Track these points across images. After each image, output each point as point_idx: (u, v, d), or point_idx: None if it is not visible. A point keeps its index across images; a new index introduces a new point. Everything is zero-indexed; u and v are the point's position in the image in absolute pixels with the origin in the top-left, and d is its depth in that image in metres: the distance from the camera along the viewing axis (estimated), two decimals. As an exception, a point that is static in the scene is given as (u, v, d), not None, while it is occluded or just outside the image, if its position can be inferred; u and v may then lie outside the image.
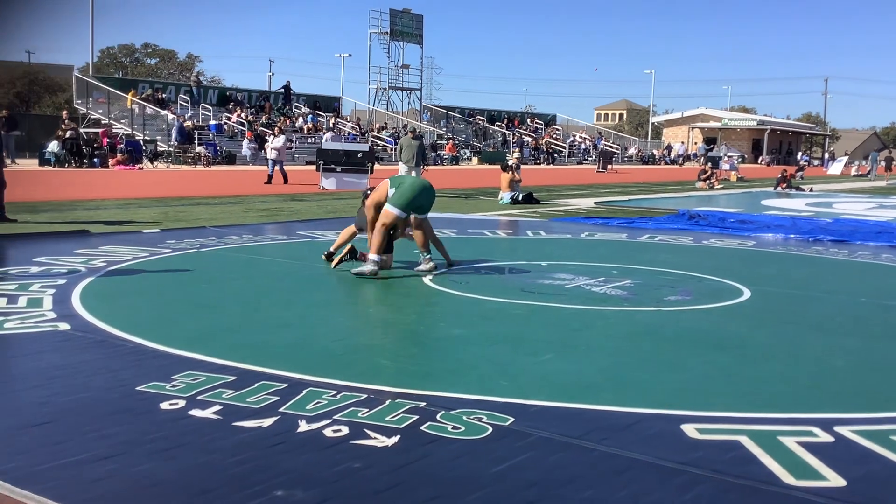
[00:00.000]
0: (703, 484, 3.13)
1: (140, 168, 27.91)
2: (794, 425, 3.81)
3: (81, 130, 30.72)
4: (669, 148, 61.80)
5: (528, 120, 57.06)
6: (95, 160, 27.53)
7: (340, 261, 7.94)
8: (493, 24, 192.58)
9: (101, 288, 6.75)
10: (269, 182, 21.16)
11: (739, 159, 45.02)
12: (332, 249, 8.26)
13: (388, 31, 48.61)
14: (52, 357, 4.62)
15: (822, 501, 3.01)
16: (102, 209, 13.70)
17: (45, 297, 6.23)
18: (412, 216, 7.75)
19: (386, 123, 45.97)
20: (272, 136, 22.49)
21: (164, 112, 34.43)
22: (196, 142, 32.29)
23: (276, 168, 21.50)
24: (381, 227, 7.52)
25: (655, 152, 59.96)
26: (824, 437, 3.66)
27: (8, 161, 26.03)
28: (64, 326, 5.33)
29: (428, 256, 7.76)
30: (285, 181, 21.24)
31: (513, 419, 3.74)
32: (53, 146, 27.28)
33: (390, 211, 7.56)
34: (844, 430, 3.74)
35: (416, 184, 7.86)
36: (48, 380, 4.18)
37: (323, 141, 31.96)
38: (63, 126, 28.40)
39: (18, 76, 66.47)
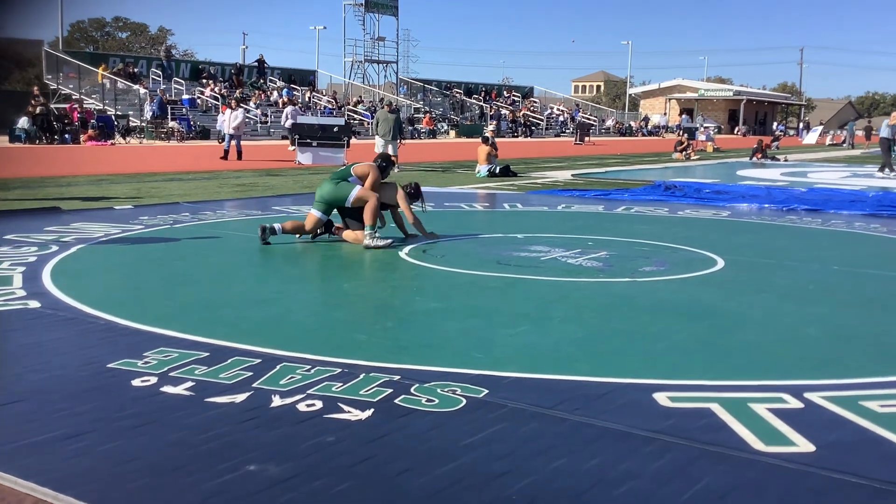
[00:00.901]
0: (674, 451, 3.16)
1: (112, 144, 27.58)
2: (764, 392, 3.85)
3: (52, 106, 30.27)
4: (647, 119, 61.90)
5: (506, 92, 56.88)
6: (67, 136, 27.18)
7: (316, 235, 7.97)
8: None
9: (73, 265, 6.68)
10: (224, 157, 20.55)
11: (716, 130, 45.20)
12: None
13: (363, 2, 48.10)
14: (22, 335, 4.57)
15: (791, 466, 3.04)
16: (74, 186, 13.54)
17: (15, 274, 6.16)
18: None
19: (361, 97, 45.66)
20: (229, 111, 21.76)
21: (135, 87, 33.99)
22: (169, 117, 31.92)
23: (233, 143, 20.95)
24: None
25: (633, 124, 60.04)
26: (794, 403, 3.70)
27: (-23, 138, 25.69)
28: (34, 304, 5.28)
29: (372, 232, 7.70)
30: (239, 157, 20.68)
31: (486, 391, 3.75)
32: (23, 122, 26.88)
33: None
34: (814, 397, 3.78)
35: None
36: (18, 358, 4.14)
37: (283, 117, 31.41)
38: (33, 102, 27.96)
39: (-14, 51, 65.25)
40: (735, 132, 62.95)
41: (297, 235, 8.01)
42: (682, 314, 5.41)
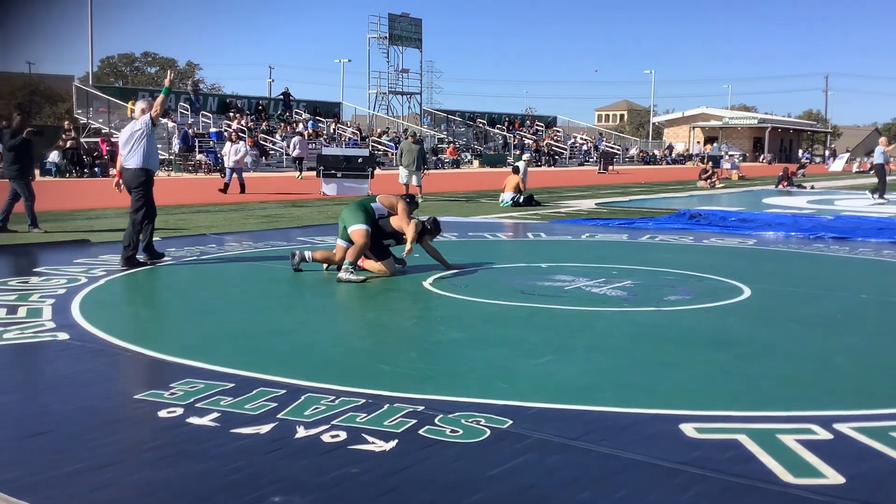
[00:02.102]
0: (702, 483, 3.12)
1: (222, 176, 27.88)
2: (793, 423, 3.80)
3: (82, 140, 30.79)
4: (671, 148, 61.79)
5: (529, 122, 57.09)
6: (96, 169, 27.61)
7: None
8: (492, 26, 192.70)
9: (101, 297, 6.75)
10: (224, 191, 19.85)
11: (741, 158, 45.01)
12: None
13: (388, 35, 48.70)
14: (51, 367, 4.63)
15: (820, 499, 3.00)
16: (103, 218, 13.72)
17: (45, 306, 6.24)
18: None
19: (388, 128, 46.01)
20: (229, 143, 21.00)
21: (163, 120, 34.47)
22: (196, 149, 32.34)
23: (234, 176, 20.40)
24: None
25: (657, 152, 59.96)
26: (823, 434, 3.65)
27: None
28: (63, 336, 5.34)
29: (348, 266, 7.63)
30: (242, 190, 20.07)
31: (511, 421, 3.73)
32: (54, 156, 27.35)
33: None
34: (844, 428, 3.72)
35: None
36: (46, 389, 4.19)
37: (291, 146, 31.66)
38: (64, 136, 28.47)
39: (19, 87, 66.61)
40: (760, 160, 62.65)
41: (326, 266, 8.06)
42: (708, 343, 5.36)
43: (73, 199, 17.85)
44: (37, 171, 26.89)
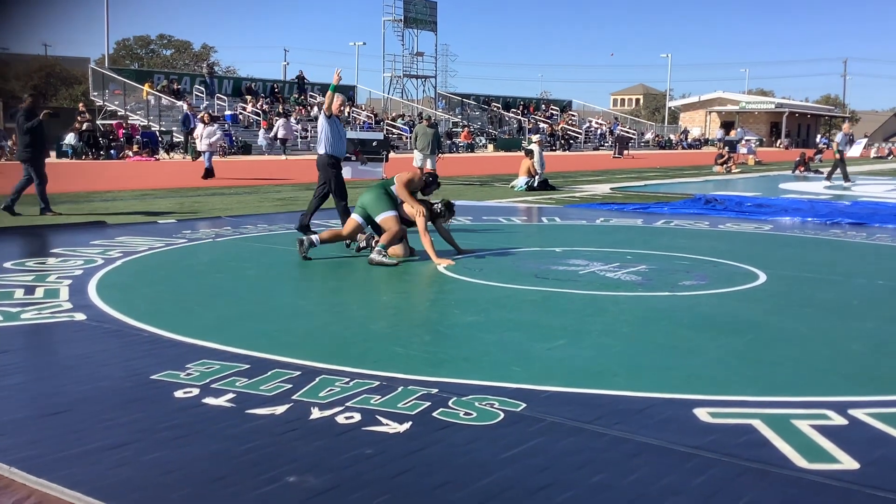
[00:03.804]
0: (715, 467, 3.12)
1: (156, 159, 28.05)
2: (807, 408, 3.79)
3: (98, 122, 30.90)
4: (686, 132, 61.42)
5: (544, 106, 56.84)
6: (112, 152, 27.72)
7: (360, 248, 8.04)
8: (507, 10, 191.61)
9: (117, 278, 6.80)
10: (206, 176, 18.48)
11: (757, 143, 44.68)
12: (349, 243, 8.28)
13: (402, 18, 48.54)
14: (68, 347, 4.67)
15: (835, 484, 2.99)
16: (119, 200, 13.80)
17: (62, 287, 6.29)
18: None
19: (403, 113, 45.93)
20: (202, 125, 19.62)
21: (179, 103, 34.55)
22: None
23: (210, 158, 19.16)
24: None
25: (672, 137, 59.61)
26: (838, 419, 3.64)
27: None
28: (80, 317, 5.38)
29: (381, 249, 7.66)
30: (211, 175, 18.54)
31: (524, 405, 3.74)
32: (70, 138, 27.46)
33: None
34: (858, 413, 3.71)
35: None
36: (64, 369, 4.23)
37: (276, 128, 31.72)
38: (79, 118, 28.58)
39: (35, 69, 66.87)
40: (777, 145, 62.17)
41: (347, 244, 8.11)
42: (722, 329, 5.35)
43: (90, 181, 17.95)
44: (53, 153, 27.15)
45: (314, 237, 7.90)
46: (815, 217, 12.43)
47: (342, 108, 9.51)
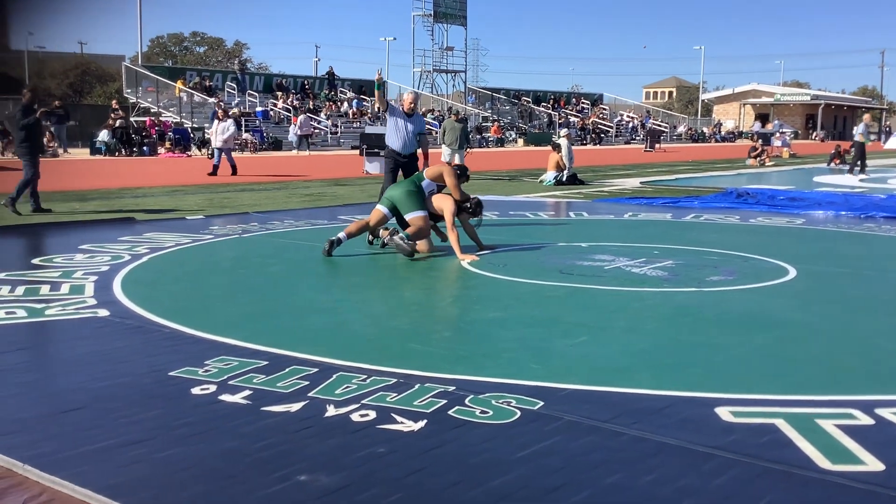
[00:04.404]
0: (735, 468, 3.05)
1: (188, 155, 28.30)
2: (833, 408, 3.70)
3: (131, 119, 31.24)
4: (720, 125, 60.72)
5: (575, 100, 56.50)
6: (145, 148, 28.02)
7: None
8: (538, 3, 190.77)
9: (143, 274, 6.85)
10: (213, 173, 18.34)
11: (792, 135, 44.04)
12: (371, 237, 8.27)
13: (432, 12, 48.47)
14: (90, 343, 4.69)
15: (859, 486, 2.91)
16: (149, 196, 13.92)
17: (88, 283, 6.34)
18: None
19: (433, 108, 45.89)
20: (217, 121, 19.31)
21: (210, 99, 34.83)
22: (243, 129, 32.63)
23: (224, 157, 18.98)
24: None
25: (706, 130, 58.96)
26: (864, 419, 3.55)
27: (60, 150, 26.68)
28: (103, 313, 5.42)
29: (403, 236, 7.65)
30: (234, 172, 18.58)
31: (542, 403, 3.69)
32: (104, 135, 27.79)
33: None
34: (885, 413, 3.61)
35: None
36: (84, 366, 4.25)
37: (294, 127, 31.90)
38: (113, 115, 28.91)
39: (71, 67, 67.83)
40: (812, 137, 61.25)
41: (370, 241, 8.11)
42: (748, 325, 5.24)
43: (122, 178, 18.13)
44: (86, 150, 27.46)
45: (341, 234, 7.90)
46: (849, 211, 12.20)
47: (412, 105, 9.64)
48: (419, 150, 9.98)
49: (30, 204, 11.05)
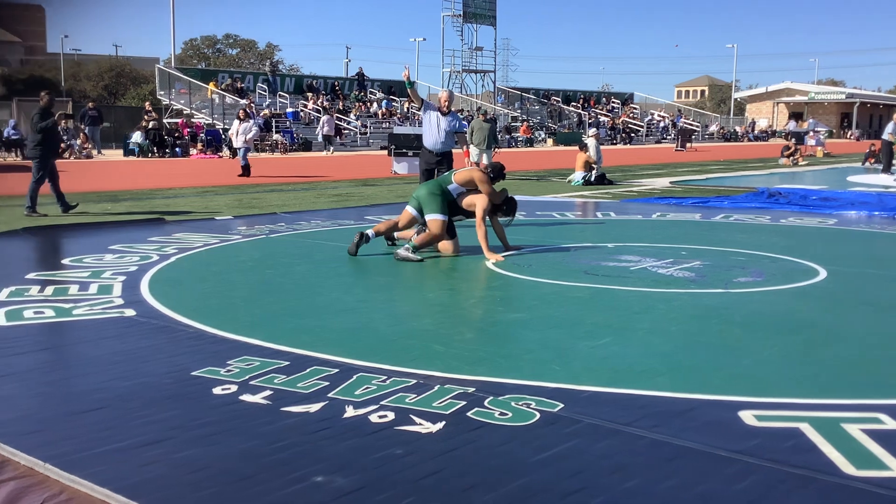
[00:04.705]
0: (757, 473, 3.00)
1: (220, 157, 28.53)
2: (859, 412, 3.63)
3: (164, 121, 31.58)
4: (753, 124, 60.04)
5: (605, 99, 56.17)
6: (177, 150, 28.30)
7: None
8: (568, 2, 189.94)
9: (170, 274, 6.91)
10: (244, 174, 18.36)
11: (826, 134, 43.43)
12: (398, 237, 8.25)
13: (462, 13, 48.43)
14: (115, 343, 4.73)
15: (884, 493, 2.85)
16: (180, 197, 14.05)
17: (116, 283, 6.41)
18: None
19: (462, 108, 45.87)
20: (237, 121, 19.17)
21: (242, 101, 35.10)
22: (273, 129, 32.86)
23: (246, 154, 18.95)
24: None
25: (738, 129, 58.33)
26: (891, 424, 3.48)
27: (94, 152, 27.05)
28: (130, 313, 5.47)
29: (409, 247, 7.64)
30: (248, 174, 18.45)
31: (562, 405, 3.66)
32: (137, 137, 28.12)
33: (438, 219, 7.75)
34: (914, 418, 3.54)
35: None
36: (107, 365, 4.29)
37: (320, 125, 32.10)
38: (146, 117, 29.24)
39: (105, 69, 68.78)
40: (847, 136, 60.34)
41: (390, 242, 8.12)
42: (775, 328, 5.17)
43: (154, 179, 18.33)
44: (120, 151, 27.80)
45: (369, 232, 7.92)
46: (882, 211, 12.00)
47: (447, 102, 9.59)
48: (463, 148, 10.04)
49: (59, 207, 11.18)
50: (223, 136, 31.04)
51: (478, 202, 7.78)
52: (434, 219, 7.70)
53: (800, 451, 3.20)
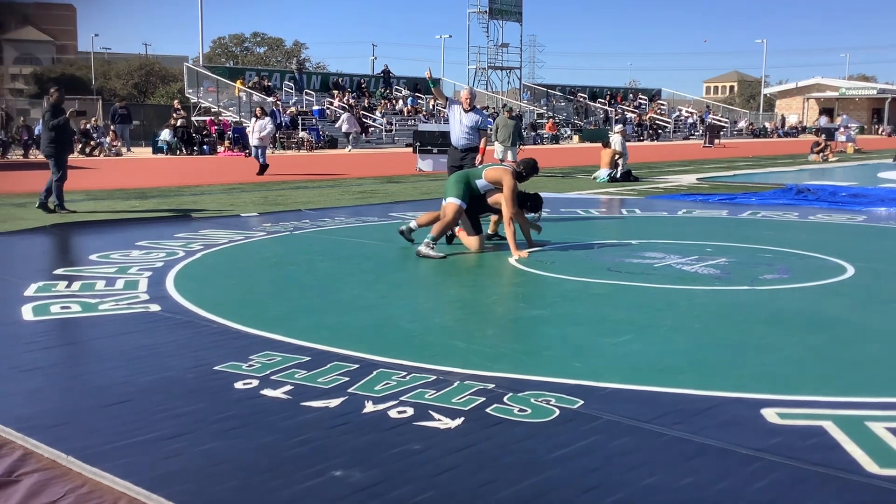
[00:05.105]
0: (779, 471, 2.98)
1: (247, 154, 28.69)
2: (884, 410, 3.58)
3: (193, 119, 31.83)
4: (783, 120, 59.39)
5: (632, 95, 55.79)
6: (205, 147, 28.52)
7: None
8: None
9: (196, 270, 6.97)
10: (261, 172, 18.16)
11: (857, 130, 42.84)
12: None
13: (487, 9, 48.33)
14: (139, 338, 4.78)
15: (907, 492, 2.81)
16: (207, 194, 14.16)
17: (142, 279, 6.47)
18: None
19: (487, 105, 45.80)
20: (254, 119, 19.00)
21: (269, 99, 35.29)
22: (300, 127, 33.01)
23: (261, 153, 18.64)
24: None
25: (767, 125, 57.70)
26: (917, 423, 3.43)
27: (123, 149, 27.34)
28: (155, 308, 5.53)
29: (430, 241, 7.60)
30: (262, 171, 18.27)
31: (582, 402, 3.65)
32: (165, 134, 28.36)
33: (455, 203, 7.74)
34: (940, 417, 3.48)
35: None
36: (132, 360, 4.34)
37: (340, 121, 32.23)
38: (175, 115, 29.49)
39: (135, 68, 69.48)
40: (879, 132, 59.49)
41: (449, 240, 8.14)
42: (800, 325, 5.11)
43: (182, 176, 18.48)
44: (149, 149, 28.08)
45: (412, 224, 8.10)
46: (913, 207, 11.81)
47: (468, 98, 9.59)
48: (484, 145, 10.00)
49: (49, 200, 10.97)
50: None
51: (503, 202, 7.76)
52: (450, 202, 7.70)
53: (822, 450, 3.17)
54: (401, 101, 41.33)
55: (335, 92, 39.33)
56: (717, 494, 2.81)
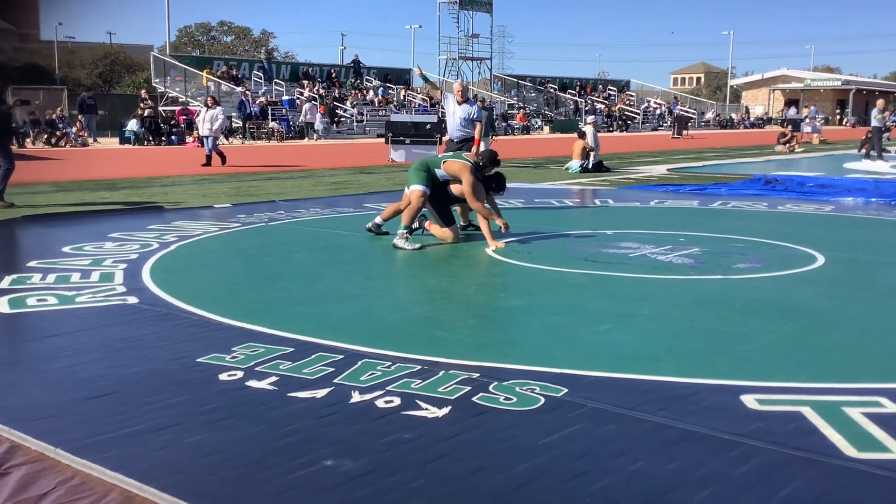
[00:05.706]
0: (759, 456, 3.05)
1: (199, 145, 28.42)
2: (859, 395, 3.67)
3: (160, 109, 31.48)
4: (748, 111, 60.04)
5: (601, 87, 56.09)
6: (173, 137, 28.23)
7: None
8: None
9: (171, 262, 6.92)
10: (207, 163, 17.77)
11: (822, 121, 43.45)
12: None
13: (457, 0, 48.25)
14: (119, 330, 4.76)
15: (885, 474, 2.89)
16: (178, 185, 14.04)
17: (117, 271, 6.42)
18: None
19: (477, 95, 45.79)
20: (205, 109, 18.60)
21: (238, 89, 35.00)
22: (269, 117, 32.79)
23: (211, 142, 18.27)
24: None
25: (734, 116, 58.32)
26: (892, 407, 3.52)
27: (90, 140, 26.97)
28: (132, 300, 5.49)
29: (404, 232, 7.63)
30: (223, 161, 17.99)
31: (566, 390, 3.70)
32: (132, 125, 28.04)
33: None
34: (914, 402, 3.58)
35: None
36: (113, 352, 4.31)
37: (303, 112, 32.23)
38: (141, 105, 29.15)
39: (100, 57, 68.45)
40: (843, 123, 60.40)
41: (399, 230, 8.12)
42: (775, 313, 5.21)
43: (151, 167, 18.30)
44: (115, 139, 27.71)
45: (377, 220, 8.22)
46: (879, 197, 12.04)
47: (460, 91, 10.17)
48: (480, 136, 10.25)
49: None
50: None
51: (467, 197, 7.79)
52: (414, 189, 7.74)
53: (801, 434, 3.24)
54: (371, 92, 41.20)
55: (305, 82, 39.11)
56: (702, 478, 2.87)
